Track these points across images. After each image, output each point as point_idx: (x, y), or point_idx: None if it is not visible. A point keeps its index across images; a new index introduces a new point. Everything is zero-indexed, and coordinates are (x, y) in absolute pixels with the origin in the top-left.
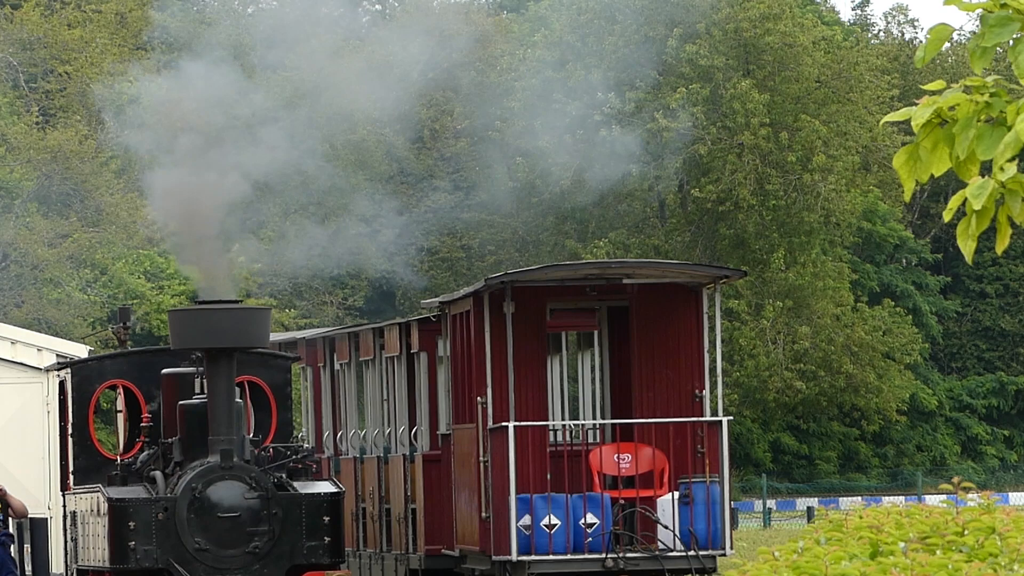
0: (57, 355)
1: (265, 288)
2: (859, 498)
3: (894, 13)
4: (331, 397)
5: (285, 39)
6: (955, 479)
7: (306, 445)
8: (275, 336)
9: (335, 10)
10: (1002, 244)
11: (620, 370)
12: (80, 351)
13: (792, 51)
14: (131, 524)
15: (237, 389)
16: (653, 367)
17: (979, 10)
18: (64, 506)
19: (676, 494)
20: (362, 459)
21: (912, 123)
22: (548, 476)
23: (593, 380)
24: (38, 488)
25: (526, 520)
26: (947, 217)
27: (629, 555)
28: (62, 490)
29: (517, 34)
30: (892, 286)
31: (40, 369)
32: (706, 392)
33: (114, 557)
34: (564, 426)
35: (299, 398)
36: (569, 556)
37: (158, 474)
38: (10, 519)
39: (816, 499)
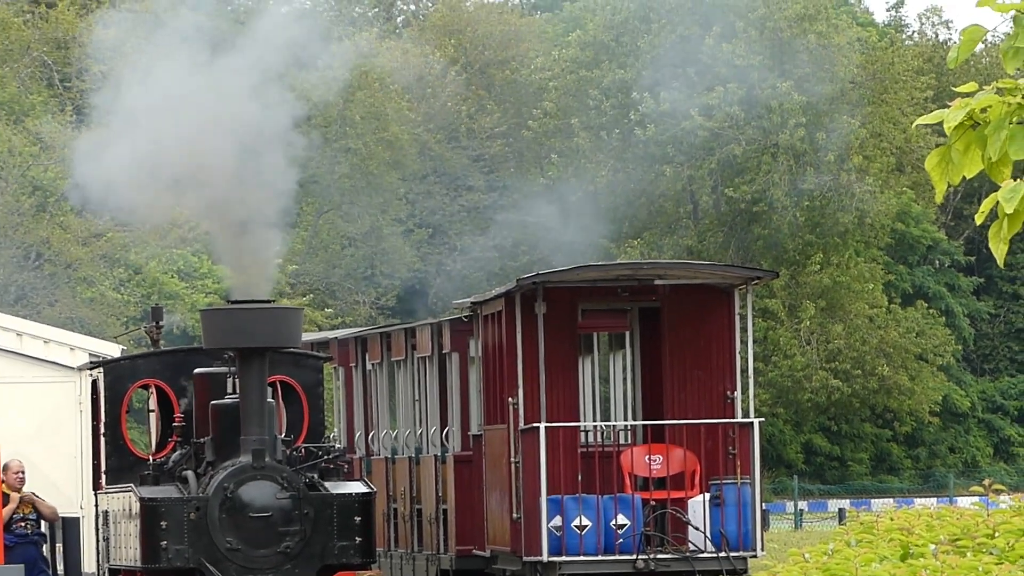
0: (90, 354)
1: (298, 288)
2: (891, 500)
3: (928, 14)
4: (363, 397)
5: (318, 39)
6: (987, 481)
7: (338, 445)
8: (307, 336)
9: (369, 10)
10: None
11: (651, 371)
12: (113, 350)
13: (827, 52)
14: (163, 524)
15: (269, 389)
16: (685, 368)
17: (1012, 11)
18: (96, 505)
19: (707, 495)
20: (393, 459)
21: (944, 125)
22: (579, 477)
23: (624, 381)
24: (70, 487)
25: (557, 521)
26: (979, 220)
27: (660, 556)
28: (94, 489)
29: (551, 34)
30: (925, 288)
31: (73, 368)
32: (738, 393)
33: (146, 557)
34: (595, 427)
35: (331, 398)
36: (600, 557)
37: (190, 474)
38: (42, 520)
39: (848, 501)
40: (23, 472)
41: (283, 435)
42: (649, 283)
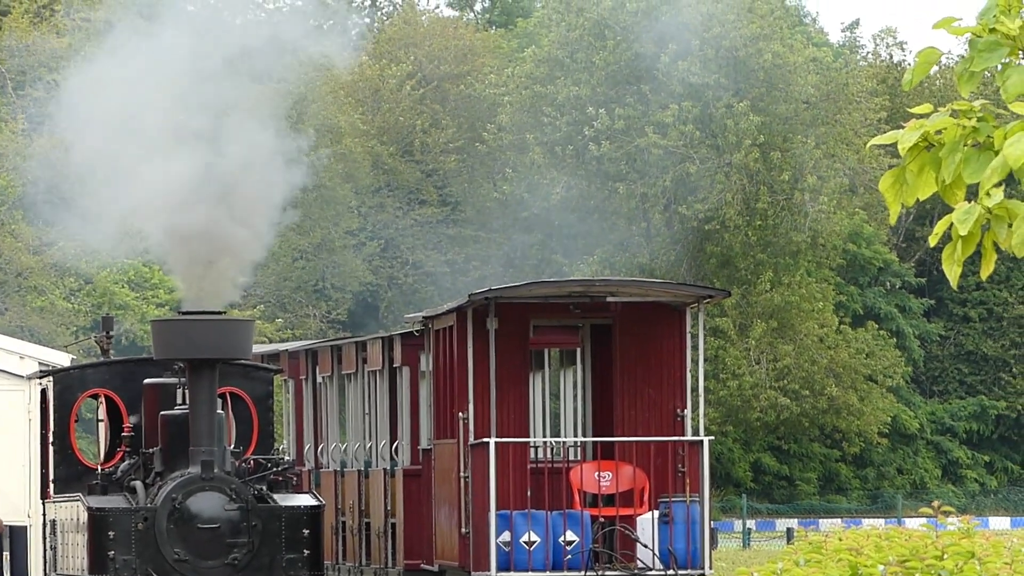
0: (39, 363)
1: (249, 300)
2: (839, 520)
3: (883, 35)
4: (313, 410)
5: (273, 50)
6: (935, 503)
7: (287, 457)
8: (258, 348)
9: (324, 22)
10: (987, 269)
11: (602, 388)
12: (62, 359)
13: (782, 72)
14: (111, 533)
15: (219, 400)
16: (635, 385)
17: (968, 34)
18: (44, 514)
19: (656, 513)
20: (343, 472)
21: (899, 146)
22: (528, 493)
23: (575, 397)
24: (18, 496)
25: (505, 536)
26: (933, 242)
27: (608, 573)
28: (42, 498)
29: (506, 50)
30: (875, 309)
31: (22, 377)
32: (688, 411)
33: (93, 566)
34: (545, 443)
35: (281, 410)
36: (548, 573)
37: (138, 484)
38: None
39: (796, 520)
40: None
41: (232, 447)
42: (601, 300)
